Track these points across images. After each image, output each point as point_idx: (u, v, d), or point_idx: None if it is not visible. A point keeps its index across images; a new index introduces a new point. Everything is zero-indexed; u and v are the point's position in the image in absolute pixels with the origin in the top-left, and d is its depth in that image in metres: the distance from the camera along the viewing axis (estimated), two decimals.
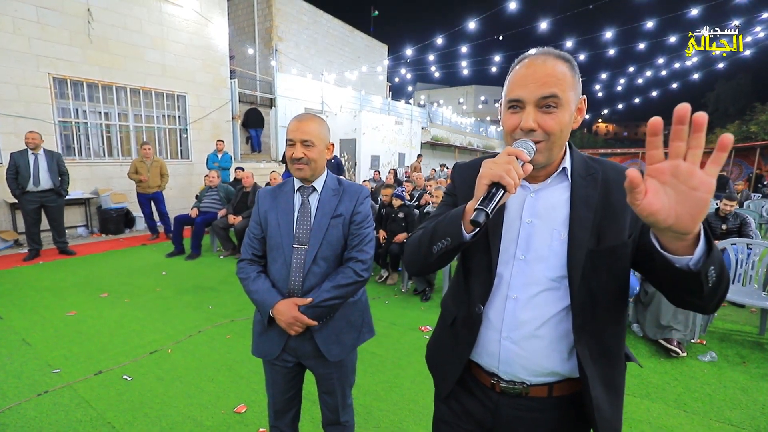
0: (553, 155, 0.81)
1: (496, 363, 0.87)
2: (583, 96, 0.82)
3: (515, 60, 0.84)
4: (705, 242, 0.61)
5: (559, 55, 0.79)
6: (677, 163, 0.54)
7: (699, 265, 0.61)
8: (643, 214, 0.57)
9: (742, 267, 3.45)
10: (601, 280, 0.81)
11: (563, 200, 0.84)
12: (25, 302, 3.59)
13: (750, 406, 2.30)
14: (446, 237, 0.81)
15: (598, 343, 0.83)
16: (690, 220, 0.55)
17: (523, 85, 0.77)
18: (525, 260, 0.84)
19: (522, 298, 0.84)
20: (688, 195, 0.54)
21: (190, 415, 2.11)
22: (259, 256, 1.40)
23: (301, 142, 1.25)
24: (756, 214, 6.67)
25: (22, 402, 2.17)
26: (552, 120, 0.76)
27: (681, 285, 0.66)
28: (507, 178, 0.69)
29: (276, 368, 1.38)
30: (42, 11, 5.94)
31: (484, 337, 0.89)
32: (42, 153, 4.91)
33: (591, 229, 0.80)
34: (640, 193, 0.56)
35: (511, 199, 0.88)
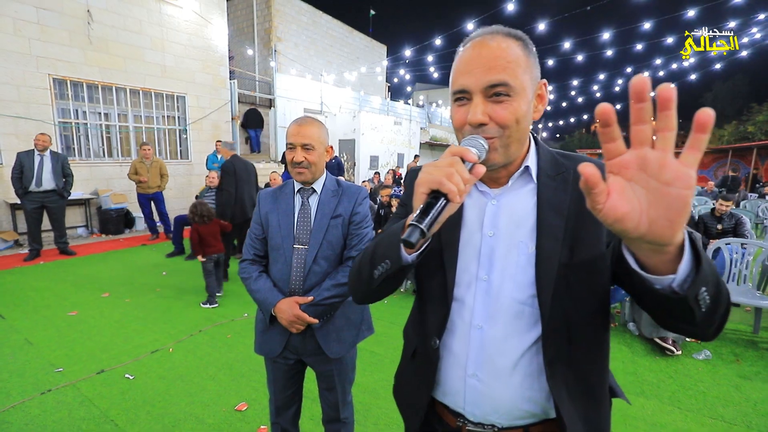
0: (512, 152, 0.68)
1: (462, 403, 0.75)
2: (542, 80, 0.70)
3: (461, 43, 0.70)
4: (692, 256, 0.48)
5: (509, 33, 0.67)
6: (644, 152, 0.42)
7: (685, 287, 0.48)
8: (608, 221, 0.45)
9: (736, 266, 3.50)
10: (577, 300, 0.68)
11: (530, 206, 0.71)
12: (26, 302, 3.62)
13: (742, 403, 2.34)
14: (385, 260, 0.68)
15: (576, 376, 0.70)
16: (667, 226, 0.43)
17: (468, 72, 0.65)
18: (488, 281, 0.72)
19: (488, 326, 0.71)
20: (662, 193, 0.42)
21: (192, 413, 2.14)
22: (261, 256, 1.43)
23: (302, 146, 1.29)
24: (752, 214, 6.73)
25: (26, 400, 2.20)
26: (505, 110, 0.64)
27: (666, 310, 0.53)
28: (448, 184, 0.55)
29: (278, 365, 1.42)
30: (42, 12, 5.96)
31: (447, 374, 0.76)
32: (48, 154, 4.95)
33: (562, 240, 0.67)
34: (600, 194, 0.44)
35: (470, 208, 0.75)
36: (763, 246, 3.54)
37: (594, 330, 0.71)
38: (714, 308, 0.51)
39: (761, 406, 2.31)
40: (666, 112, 0.39)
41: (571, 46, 11.46)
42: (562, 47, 11.88)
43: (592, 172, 0.43)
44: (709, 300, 0.49)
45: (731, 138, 24.09)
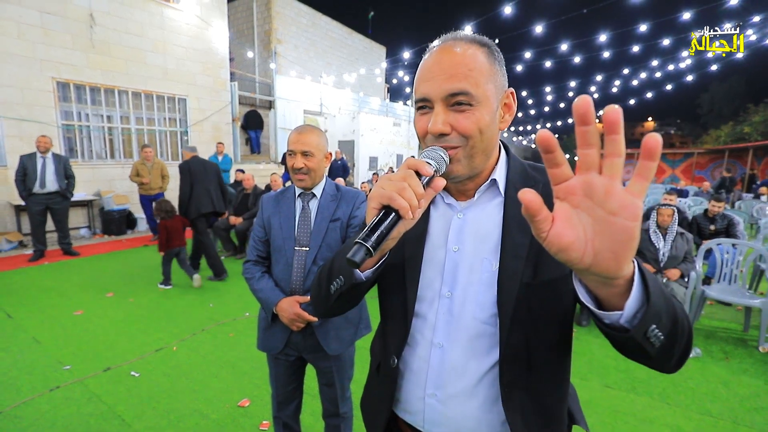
0: (477, 164, 0.66)
1: (422, 423, 0.73)
2: (509, 89, 0.68)
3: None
4: (642, 291, 0.46)
5: (473, 39, 0.64)
6: (590, 178, 0.40)
7: (634, 323, 0.46)
8: (552, 250, 0.43)
9: (727, 266, 3.58)
10: (538, 322, 0.65)
11: (496, 222, 0.68)
12: (32, 302, 3.69)
13: (730, 399, 2.41)
14: (339, 275, 0.66)
15: (533, 403, 0.67)
16: (611, 259, 0.41)
17: (428, 79, 0.63)
18: (451, 298, 0.69)
19: (449, 345, 0.69)
20: (607, 222, 0.40)
21: (197, 409, 2.21)
22: (264, 258, 1.51)
23: (302, 153, 1.36)
24: (746, 215, 6.80)
25: (36, 397, 2.27)
26: (467, 120, 0.61)
27: (619, 344, 0.51)
28: (398, 200, 0.52)
29: (279, 362, 1.49)
30: (45, 16, 6.04)
31: (408, 392, 0.75)
32: (50, 156, 5.02)
33: (526, 258, 0.65)
34: (544, 221, 0.42)
35: (436, 221, 0.73)
36: (754, 246, 3.61)
37: (554, 355, 0.69)
38: (670, 345, 0.48)
39: (748, 402, 2.39)
40: (613, 136, 0.37)
41: (568, 47, 11.55)
42: (559, 49, 11.97)
43: (532, 198, 0.41)
44: (663, 336, 0.47)
45: (728, 139, 24.21)
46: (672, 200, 4.74)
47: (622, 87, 18.82)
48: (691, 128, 42.48)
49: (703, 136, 30.52)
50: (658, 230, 3.40)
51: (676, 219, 3.40)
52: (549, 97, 21.32)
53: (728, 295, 3.32)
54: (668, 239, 3.35)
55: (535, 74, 69.93)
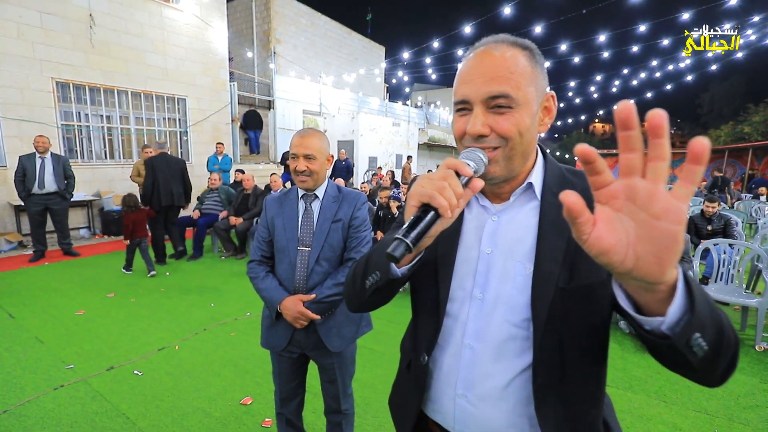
0: (515, 166, 0.66)
1: (452, 423, 0.73)
2: (550, 92, 0.68)
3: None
4: (686, 297, 0.44)
5: (515, 42, 0.65)
6: (633, 182, 0.40)
7: (676, 331, 0.44)
8: (593, 253, 0.42)
9: (725, 266, 3.61)
10: (573, 327, 0.64)
11: (531, 225, 0.68)
12: (34, 302, 3.71)
13: (725, 397, 2.44)
14: (376, 271, 0.67)
15: (566, 408, 0.66)
16: (655, 263, 0.40)
17: (469, 82, 0.63)
18: (483, 300, 0.69)
19: (479, 347, 0.69)
20: (650, 226, 0.39)
21: (200, 407, 2.24)
22: (267, 257, 1.54)
23: (304, 156, 1.39)
24: (745, 215, 6.84)
25: (40, 395, 2.29)
26: (507, 122, 0.62)
27: (659, 352, 0.50)
28: (439, 198, 0.53)
29: (282, 359, 1.52)
30: (45, 17, 6.05)
31: (438, 392, 0.75)
32: (49, 156, 5.03)
33: (562, 262, 0.64)
34: (585, 223, 0.41)
35: (469, 223, 0.74)
36: (751, 246, 3.64)
37: (589, 362, 0.67)
38: (714, 356, 0.46)
39: (743, 399, 2.42)
40: (657, 140, 0.37)
41: (568, 47, 11.58)
42: (559, 49, 12.00)
43: (574, 200, 0.40)
44: (707, 347, 0.45)
45: (728, 138, 24.27)
46: None
47: (621, 87, 18.87)
48: (692, 128, 42.57)
49: (703, 135, 30.63)
50: None
51: None
52: None
53: (725, 295, 3.35)
54: None
55: None
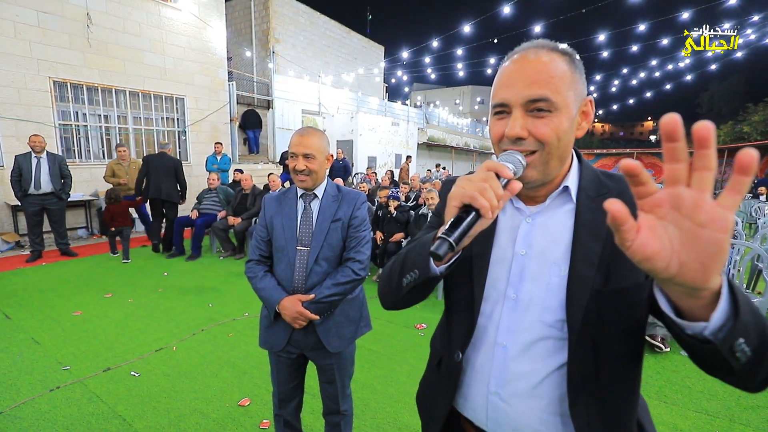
0: (551, 170, 0.67)
1: (484, 420, 0.75)
2: (589, 97, 0.69)
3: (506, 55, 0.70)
4: (730, 303, 0.45)
5: (555, 47, 0.66)
6: (678, 191, 0.41)
7: (720, 336, 0.45)
8: (636, 259, 0.43)
9: (725, 266, 3.60)
10: (608, 330, 0.65)
11: (566, 227, 0.69)
12: (31, 303, 3.69)
13: (726, 398, 2.43)
14: (414, 269, 0.69)
15: (600, 409, 0.66)
16: (700, 270, 0.41)
17: (508, 85, 0.65)
18: (516, 300, 0.71)
19: (512, 346, 0.71)
20: (695, 234, 0.40)
21: (197, 408, 2.22)
22: (266, 257, 1.52)
23: (303, 155, 1.37)
24: (744, 214, 6.84)
25: (36, 397, 2.27)
26: (546, 126, 0.63)
27: (699, 357, 0.51)
28: (480, 199, 0.55)
29: (281, 359, 1.50)
30: (42, 16, 6.02)
31: (471, 389, 0.76)
32: (45, 156, 4.98)
33: (598, 265, 0.65)
34: (629, 231, 0.42)
35: (503, 224, 0.75)
36: (751, 246, 3.64)
37: (624, 363, 0.68)
38: (757, 360, 0.47)
39: (744, 400, 2.40)
40: (703, 151, 0.38)
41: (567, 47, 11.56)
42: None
43: (619, 208, 0.41)
44: (750, 352, 0.46)
45: (727, 138, 24.30)
46: None
47: (621, 86, 18.88)
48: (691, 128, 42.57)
49: None
50: None
51: None
52: None
53: None
54: None
55: None
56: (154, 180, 5.40)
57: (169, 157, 5.60)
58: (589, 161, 0.76)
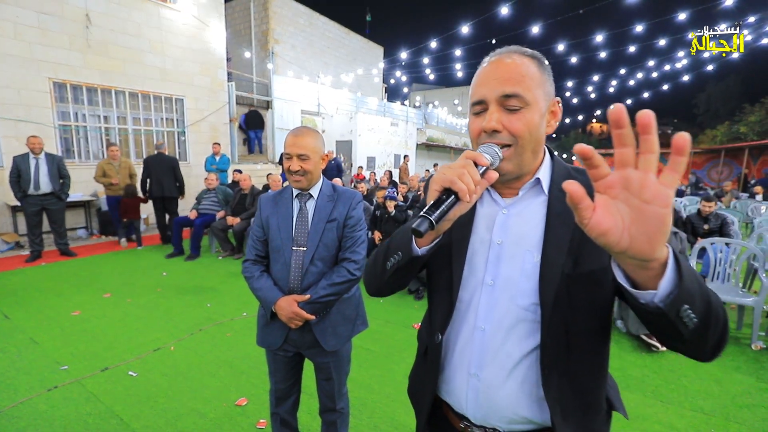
0: (525, 163, 0.72)
1: (464, 404, 0.78)
2: (556, 98, 0.75)
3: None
4: (675, 273, 0.50)
5: (525, 52, 0.73)
6: (627, 173, 0.46)
7: (666, 302, 0.50)
8: (593, 235, 0.48)
9: (721, 265, 3.61)
10: (578, 310, 0.70)
11: (539, 217, 0.74)
12: (30, 302, 3.69)
13: (722, 396, 2.44)
14: (398, 251, 0.74)
15: (572, 386, 0.71)
16: (646, 242, 0.46)
17: (485, 84, 0.71)
18: (494, 285, 0.75)
19: (490, 329, 0.75)
20: (642, 210, 0.45)
21: (194, 408, 2.22)
22: (262, 257, 1.53)
23: (298, 156, 1.38)
24: (741, 214, 6.85)
25: (33, 397, 2.28)
26: (518, 120, 0.68)
27: (654, 325, 0.55)
28: (459, 183, 0.60)
29: (278, 358, 1.51)
30: (42, 17, 6.03)
31: (452, 373, 0.80)
32: (43, 157, 4.99)
33: (568, 251, 0.69)
34: (586, 209, 0.47)
35: (481, 215, 0.80)
36: (747, 245, 3.65)
37: (593, 341, 0.73)
38: (704, 328, 0.52)
39: (740, 398, 2.42)
40: (646, 136, 0.43)
41: (565, 47, 11.60)
42: (556, 49, 12.02)
43: (575, 189, 0.46)
44: (697, 319, 0.51)
45: (724, 138, 24.33)
46: None
47: (619, 87, 18.91)
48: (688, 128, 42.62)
49: (700, 135, 30.68)
50: None
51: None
52: None
53: (722, 294, 3.35)
54: None
55: None
56: (156, 179, 5.87)
57: (166, 156, 6.03)
58: None
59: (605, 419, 0.79)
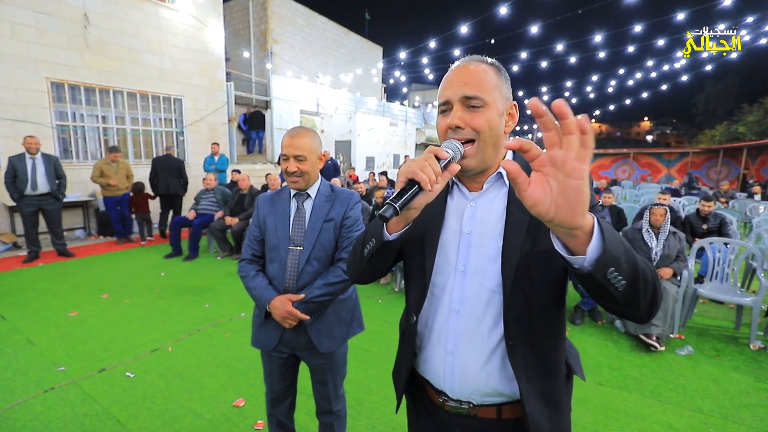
0: (487, 158, 0.80)
1: (442, 380, 0.85)
2: (513, 102, 0.84)
3: None
4: (600, 240, 0.56)
5: (485, 60, 0.82)
6: (554, 152, 0.53)
7: (592, 266, 0.57)
8: (528, 204, 0.56)
9: (719, 265, 3.61)
10: (535, 286, 0.77)
11: (501, 207, 0.82)
12: (27, 303, 3.68)
13: (720, 396, 2.44)
14: (372, 238, 0.82)
15: (534, 355, 0.80)
16: (569, 211, 0.53)
17: (449, 87, 0.80)
18: (465, 272, 0.83)
19: (464, 311, 0.82)
20: (565, 183, 0.52)
21: (192, 409, 2.22)
22: (258, 256, 1.52)
23: (294, 157, 1.37)
24: (739, 214, 6.86)
25: (30, 398, 2.27)
26: (479, 118, 0.77)
27: (588, 288, 0.63)
28: (420, 174, 0.67)
29: (272, 359, 1.50)
30: (40, 16, 6.01)
31: (431, 352, 0.88)
32: (39, 157, 4.98)
33: (526, 232, 0.78)
34: (523, 183, 0.55)
35: (452, 207, 0.88)
36: (746, 245, 3.65)
37: (551, 311, 0.81)
38: (633, 290, 0.60)
39: (738, 398, 2.42)
40: (563, 120, 0.49)
41: (564, 47, 11.61)
42: (555, 49, 12.02)
43: (512, 167, 0.55)
44: (624, 281, 0.58)
45: (722, 138, 24.35)
46: (665, 200, 4.78)
47: (618, 87, 18.92)
48: (687, 128, 42.71)
49: (699, 135, 30.70)
50: (650, 229, 3.43)
51: (669, 218, 3.43)
52: (545, 97, 21.38)
53: (720, 294, 3.35)
54: (660, 238, 3.38)
55: (531, 74, 70.16)
56: (163, 178, 6.36)
57: (174, 158, 6.55)
58: None
59: (566, 381, 0.88)
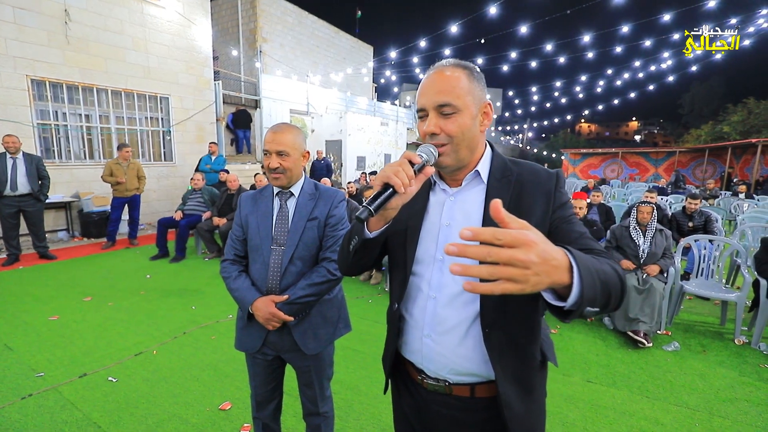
0: (462, 157, 0.86)
1: (421, 360, 0.91)
2: (488, 101, 0.88)
3: None
4: (579, 288, 0.59)
5: (458, 64, 0.85)
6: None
7: (570, 307, 0.61)
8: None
9: (705, 262, 3.67)
10: None
11: (479, 202, 0.88)
12: (5, 307, 3.56)
13: (706, 391, 2.47)
14: (355, 236, 0.88)
15: (508, 339, 0.84)
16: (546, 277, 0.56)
17: (424, 94, 0.84)
18: (443, 261, 0.88)
19: (441, 297, 0.87)
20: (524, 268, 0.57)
21: (176, 414, 2.16)
22: (241, 257, 1.48)
23: (276, 153, 1.34)
24: (724, 211, 6.99)
25: (6, 406, 2.19)
26: (452, 124, 0.82)
27: (559, 314, 0.67)
28: (394, 178, 0.73)
29: (257, 361, 1.47)
30: (18, 12, 5.84)
31: (410, 335, 0.94)
32: (21, 157, 4.83)
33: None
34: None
35: (433, 202, 0.94)
36: (730, 242, 3.71)
37: (527, 302, 0.86)
38: (605, 305, 0.66)
39: (723, 393, 2.45)
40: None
41: (553, 48, 11.71)
42: (544, 49, 12.12)
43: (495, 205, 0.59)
44: (599, 305, 0.64)
45: (708, 138, 24.84)
46: (652, 198, 4.84)
47: (606, 87, 19.17)
48: (674, 128, 43.53)
49: (685, 135, 31.27)
50: (638, 227, 3.47)
51: (656, 216, 3.47)
52: (535, 96, 21.57)
53: (706, 290, 3.40)
54: (648, 236, 3.41)
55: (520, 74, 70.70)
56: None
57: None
58: (576, 160, 0.93)
59: (540, 368, 0.92)
